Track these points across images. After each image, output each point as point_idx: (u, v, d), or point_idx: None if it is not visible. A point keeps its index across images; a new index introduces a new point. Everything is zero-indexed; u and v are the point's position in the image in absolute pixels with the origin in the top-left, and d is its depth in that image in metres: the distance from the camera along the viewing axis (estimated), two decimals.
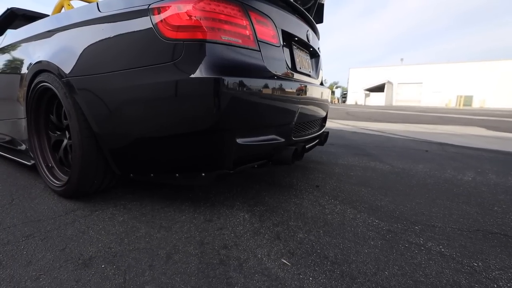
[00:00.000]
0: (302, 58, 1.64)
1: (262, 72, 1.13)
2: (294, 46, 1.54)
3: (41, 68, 1.36)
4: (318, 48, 1.98)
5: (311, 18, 1.74)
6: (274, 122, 1.22)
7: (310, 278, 0.81)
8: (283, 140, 1.28)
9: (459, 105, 32.64)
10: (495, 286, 0.77)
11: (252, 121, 1.11)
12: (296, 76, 1.48)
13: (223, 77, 0.95)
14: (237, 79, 0.99)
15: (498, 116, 11.09)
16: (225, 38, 1.01)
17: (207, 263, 0.88)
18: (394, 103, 38.54)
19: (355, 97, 43.73)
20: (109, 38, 1.11)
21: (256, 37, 1.13)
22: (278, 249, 0.96)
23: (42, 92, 1.42)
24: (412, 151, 2.72)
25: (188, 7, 0.99)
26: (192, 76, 0.95)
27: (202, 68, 0.95)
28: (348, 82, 47.26)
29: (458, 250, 0.95)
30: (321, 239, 1.03)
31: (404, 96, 38.11)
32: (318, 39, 2.05)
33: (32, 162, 1.61)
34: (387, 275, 0.82)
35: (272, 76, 1.17)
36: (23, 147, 1.72)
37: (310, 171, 1.98)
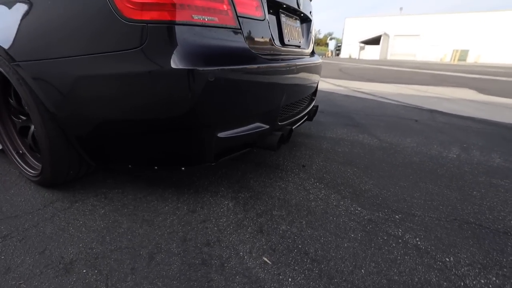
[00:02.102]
0: (291, 28, 1.46)
1: (244, 56, 0.99)
2: (282, 15, 1.35)
3: None
4: (310, 12, 1.77)
5: None
6: (258, 110, 1.13)
7: (289, 279, 0.83)
8: (268, 127, 1.21)
9: (454, 60, 31.93)
10: (462, 284, 0.81)
11: (234, 114, 1.01)
12: (284, 50, 1.33)
13: (197, 68, 0.82)
14: (214, 69, 0.86)
15: (490, 74, 11.00)
16: (197, 17, 0.85)
17: (189, 264, 0.89)
18: (389, 57, 37.35)
19: (350, 50, 41.89)
20: (59, 15, 0.92)
21: (236, 12, 0.96)
22: (260, 245, 0.98)
23: None
24: (402, 121, 2.70)
25: None
26: (159, 68, 0.82)
27: (171, 58, 0.81)
28: (343, 34, 44.66)
29: (433, 242, 0.98)
30: (303, 232, 1.05)
31: (399, 49, 36.73)
32: (311, 0, 1.81)
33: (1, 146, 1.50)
34: (363, 274, 0.85)
35: (255, 59, 1.04)
36: None
37: (298, 147, 1.95)
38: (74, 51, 0.91)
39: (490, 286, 0.81)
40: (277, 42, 1.26)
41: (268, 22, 1.15)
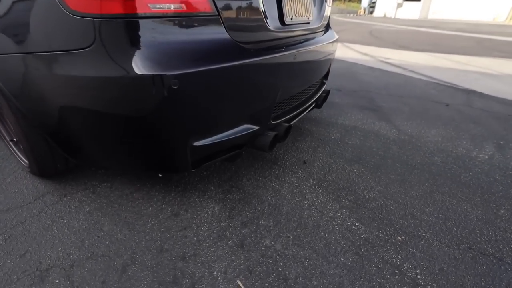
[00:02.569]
0: (296, 1, 1.20)
1: (225, 51, 0.81)
2: None
3: None
4: None
5: None
6: (245, 112, 0.97)
7: None
8: (258, 128, 1.06)
9: (510, 18, 27.30)
10: None
11: (212, 121, 0.87)
12: (284, 33, 1.11)
13: (158, 74, 0.68)
14: (183, 72, 0.71)
15: None
16: (157, 6, 0.68)
17: (159, 282, 0.85)
18: (431, 16, 32.84)
19: (385, 7, 37.25)
20: (10, 9, 0.78)
21: None
22: (238, 264, 0.91)
23: None
24: (430, 105, 2.36)
25: None
26: (111, 74, 0.68)
27: (123, 62, 0.67)
28: None
29: (436, 278, 0.85)
30: (287, 250, 0.96)
31: (444, 6, 31.94)
32: None
33: None
34: None
35: (240, 53, 0.85)
36: None
37: (303, 136, 1.78)
38: (27, 47, 0.79)
39: None
40: (273, 23, 1.03)
41: (259, 1, 0.93)
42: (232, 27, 0.84)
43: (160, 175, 1.03)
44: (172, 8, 0.70)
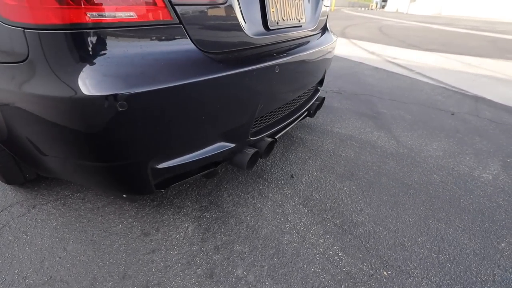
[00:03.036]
0: (283, 2, 1.07)
1: (190, 64, 0.71)
2: None
3: None
4: None
5: None
6: (217, 131, 0.87)
7: None
8: (234, 145, 0.96)
9: None
10: None
11: (176, 142, 0.78)
12: (269, 38, 1.00)
13: (101, 94, 0.58)
14: (132, 92, 0.61)
15: None
16: (103, 15, 0.58)
17: None
18: (445, 12, 31.78)
19: (398, 2, 36.17)
20: None
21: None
22: None
23: None
24: (435, 113, 2.22)
25: None
26: (49, 93, 0.59)
27: (64, 79, 0.58)
28: None
29: None
30: (260, 283, 0.87)
31: (459, 2, 30.80)
32: None
33: None
34: None
35: (209, 66, 0.75)
36: None
37: (295, 145, 1.68)
38: None
39: None
40: (253, 29, 0.92)
41: (234, 5, 0.82)
42: (200, 37, 0.73)
43: (124, 195, 0.95)
44: (121, 17, 0.60)
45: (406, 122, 2.04)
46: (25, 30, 0.56)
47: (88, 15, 0.56)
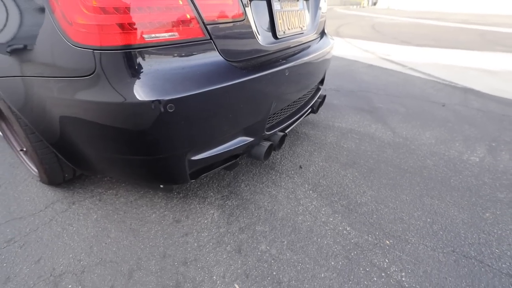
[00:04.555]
0: (288, 14, 1.24)
1: (216, 73, 0.86)
2: (274, 0, 1.13)
3: None
4: None
5: None
6: (239, 126, 1.03)
7: None
8: (253, 139, 1.12)
9: None
10: None
11: (206, 138, 0.93)
12: (276, 47, 1.15)
13: (154, 100, 0.73)
14: (177, 97, 0.76)
15: None
16: (151, 36, 0.73)
17: (163, 286, 0.92)
18: (436, 7, 32.13)
19: None
20: (11, 32, 0.84)
21: (203, 19, 0.81)
22: (235, 268, 0.98)
23: None
24: (427, 105, 2.39)
25: None
26: (110, 100, 0.74)
27: (121, 89, 0.73)
28: None
29: (420, 280, 0.91)
30: (282, 255, 1.02)
31: None
32: None
33: None
34: None
35: (233, 73, 0.90)
36: None
37: (300, 140, 1.83)
38: (34, 72, 0.85)
39: None
40: (265, 39, 1.08)
41: (251, 19, 0.98)
42: (225, 49, 0.89)
43: (161, 186, 1.09)
44: (166, 37, 0.75)
45: (400, 115, 2.20)
46: (94, 51, 0.71)
47: (144, 37, 0.71)
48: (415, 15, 16.14)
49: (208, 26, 0.82)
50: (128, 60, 0.72)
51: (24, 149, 1.55)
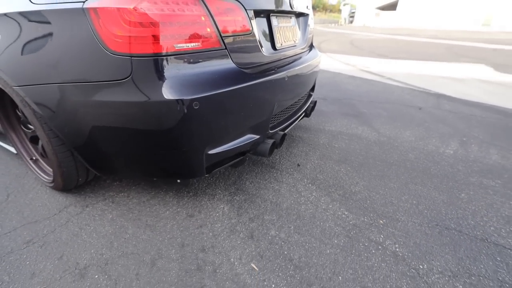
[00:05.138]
0: (284, 30, 1.43)
1: (230, 77, 1.01)
2: (273, 18, 1.32)
3: None
4: (307, 6, 1.70)
5: None
6: (248, 124, 1.17)
7: (273, 285, 0.94)
8: (258, 137, 1.25)
9: (478, 25, 29.35)
10: None
11: (222, 133, 1.06)
12: (276, 56, 1.32)
13: (180, 98, 0.87)
14: (199, 96, 0.90)
15: None
16: (179, 46, 0.87)
17: (185, 270, 1.01)
18: (407, 25, 34.72)
19: (364, 17, 39.20)
20: (50, 43, 0.95)
21: (220, 32, 0.97)
22: (250, 251, 1.08)
23: (1, 92, 1.31)
24: (405, 109, 2.65)
25: (129, 8, 0.82)
26: (144, 99, 0.86)
27: (155, 89, 0.86)
28: None
29: (411, 249, 1.05)
30: (290, 238, 1.14)
31: (418, 15, 33.92)
32: None
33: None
34: (340, 281, 0.94)
35: (243, 78, 1.05)
36: None
37: (296, 142, 1.99)
38: (70, 78, 0.96)
39: None
40: (267, 50, 1.25)
41: (257, 31, 1.15)
42: (237, 57, 1.04)
43: (178, 180, 1.19)
44: (190, 47, 0.90)
45: (383, 118, 2.43)
46: (132, 57, 0.84)
47: (173, 46, 0.85)
48: (389, 31, 17.38)
49: (224, 38, 0.97)
50: (160, 65, 0.85)
51: (34, 158, 1.61)
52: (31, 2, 0.97)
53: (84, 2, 0.85)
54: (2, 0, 1.11)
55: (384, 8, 35.87)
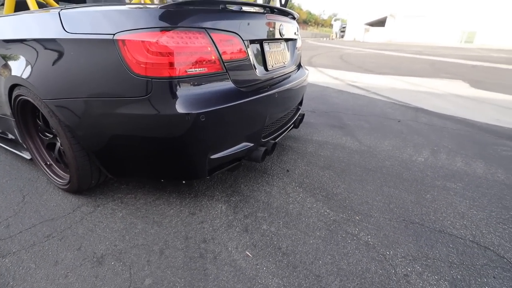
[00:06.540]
0: (275, 54, 1.67)
1: (230, 95, 1.22)
2: (265, 44, 1.55)
3: (17, 82, 1.40)
4: (295, 32, 1.95)
5: (285, 10, 1.69)
6: (244, 134, 1.38)
7: (264, 268, 1.12)
8: (253, 144, 1.46)
9: (462, 41, 30.98)
10: (393, 271, 1.09)
11: (222, 141, 1.26)
12: (268, 77, 1.55)
13: (190, 112, 1.07)
14: (205, 111, 1.10)
15: (493, 61, 10.86)
16: (190, 71, 1.09)
17: (190, 257, 1.18)
18: (395, 40, 36.27)
19: (355, 32, 40.80)
20: (81, 65, 1.15)
21: (222, 59, 1.18)
22: (245, 242, 1.26)
23: (24, 103, 1.49)
24: (386, 121, 2.91)
25: (152, 41, 1.03)
26: (161, 112, 1.06)
27: (170, 105, 1.06)
28: (348, 14, 43.37)
29: (381, 239, 1.25)
30: (279, 231, 1.33)
31: (405, 31, 35.58)
32: (295, 18, 1.99)
33: (31, 156, 1.78)
34: (320, 264, 1.13)
35: (240, 95, 1.27)
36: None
37: (286, 151, 2.20)
38: (97, 94, 1.15)
39: (413, 273, 1.09)
40: (260, 72, 1.47)
41: (253, 56, 1.37)
42: (235, 78, 1.26)
43: (183, 181, 1.37)
44: (198, 71, 1.11)
45: (365, 129, 2.68)
46: (153, 79, 1.04)
47: (185, 70, 1.06)
48: (377, 46, 18.18)
49: (225, 63, 1.19)
50: (174, 86, 1.06)
51: (48, 162, 1.76)
52: (65, 30, 1.18)
53: (114, 34, 1.06)
54: (35, 26, 1.32)
55: (373, 24, 37.49)
